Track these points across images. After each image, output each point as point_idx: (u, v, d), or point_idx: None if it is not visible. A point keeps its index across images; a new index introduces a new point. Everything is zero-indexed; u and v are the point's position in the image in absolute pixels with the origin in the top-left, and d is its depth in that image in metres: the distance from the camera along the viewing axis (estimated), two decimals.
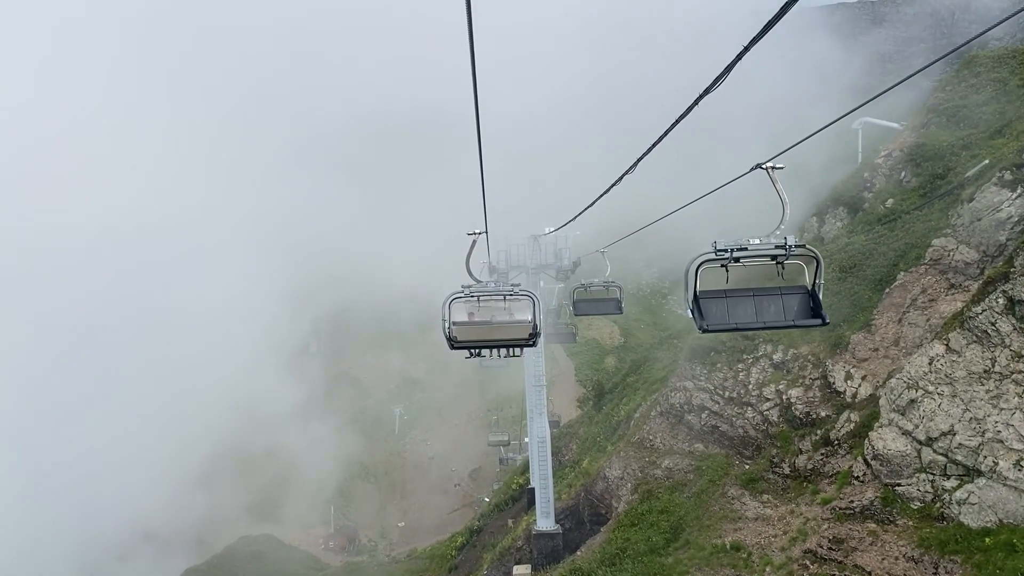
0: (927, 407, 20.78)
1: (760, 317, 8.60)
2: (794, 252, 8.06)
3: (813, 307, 8.63)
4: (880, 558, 19.75)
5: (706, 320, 8.53)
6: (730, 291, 8.63)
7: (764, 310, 8.59)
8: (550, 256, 31.23)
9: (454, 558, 43.63)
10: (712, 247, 8.12)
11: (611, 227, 26.94)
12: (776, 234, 8.13)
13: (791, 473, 24.75)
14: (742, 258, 8.10)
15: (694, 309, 8.63)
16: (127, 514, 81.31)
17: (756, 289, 8.71)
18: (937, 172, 28.53)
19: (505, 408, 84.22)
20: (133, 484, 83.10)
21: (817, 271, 8.42)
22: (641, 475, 29.06)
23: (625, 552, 25.93)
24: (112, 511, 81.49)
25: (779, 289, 8.63)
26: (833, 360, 25.57)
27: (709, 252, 8.19)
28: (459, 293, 9.64)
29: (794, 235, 8.08)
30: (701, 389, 29.26)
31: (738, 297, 8.62)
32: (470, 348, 10.23)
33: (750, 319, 8.60)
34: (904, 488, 20.61)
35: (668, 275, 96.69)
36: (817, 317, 8.56)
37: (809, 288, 8.67)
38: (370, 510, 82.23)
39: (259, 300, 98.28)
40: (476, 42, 6.54)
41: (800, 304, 8.61)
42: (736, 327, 8.70)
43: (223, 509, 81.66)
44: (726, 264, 8.20)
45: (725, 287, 8.62)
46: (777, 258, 8.20)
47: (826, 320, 8.51)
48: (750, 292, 8.66)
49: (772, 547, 22.64)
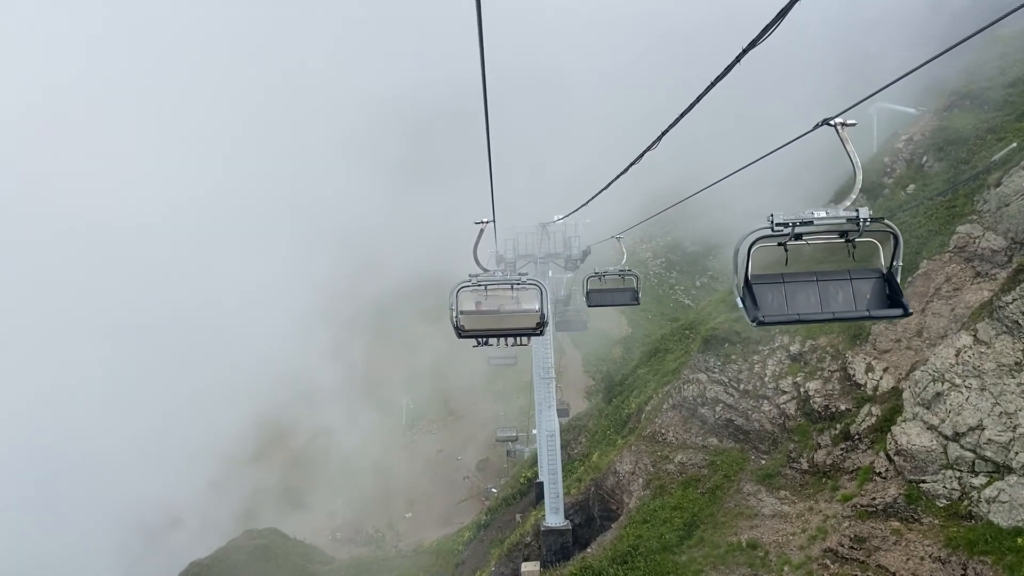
0: (954, 401, 19.89)
1: (826, 307, 7.24)
2: (869, 227, 6.82)
3: (891, 294, 7.28)
4: (904, 558, 18.91)
5: (761, 310, 7.21)
6: (789, 275, 7.32)
7: (831, 298, 7.24)
8: (559, 245, 30.41)
9: (461, 553, 42.97)
10: (768, 221, 6.82)
11: (621, 216, 26.16)
12: (847, 205, 6.86)
13: (809, 469, 23.93)
14: (805, 234, 6.86)
15: (745, 296, 7.33)
16: (161, 497, 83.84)
17: (820, 273, 7.36)
18: (961, 156, 27.53)
19: (512, 400, 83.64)
20: (169, 468, 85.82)
21: (896, 250, 7.17)
22: (653, 470, 28.27)
23: (637, 550, 25.14)
24: (148, 493, 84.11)
25: (848, 272, 7.34)
26: (853, 351, 24.66)
27: (764, 227, 6.91)
28: (466, 282, 9.59)
29: (868, 207, 6.87)
30: (715, 381, 28.40)
31: (799, 282, 7.29)
32: (477, 337, 10.04)
33: (813, 309, 7.24)
34: (929, 485, 19.74)
35: (676, 265, 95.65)
36: (897, 306, 7.25)
37: (885, 271, 7.35)
38: (377, 501, 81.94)
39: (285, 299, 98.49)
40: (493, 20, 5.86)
41: (874, 291, 7.29)
42: (798, 319, 7.30)
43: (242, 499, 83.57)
44: (784, 242, 6.97)
45: (783, 270, 7.32)
46: (848, 235, 7.01)
47: (908, 310, 7.21)
48: (813, 276, 7.32)
49: (790, 545, 21.83)
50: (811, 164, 52.87)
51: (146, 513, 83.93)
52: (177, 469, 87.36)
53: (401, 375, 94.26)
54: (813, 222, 6.78)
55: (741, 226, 24.74)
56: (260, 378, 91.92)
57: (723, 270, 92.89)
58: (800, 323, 7.38)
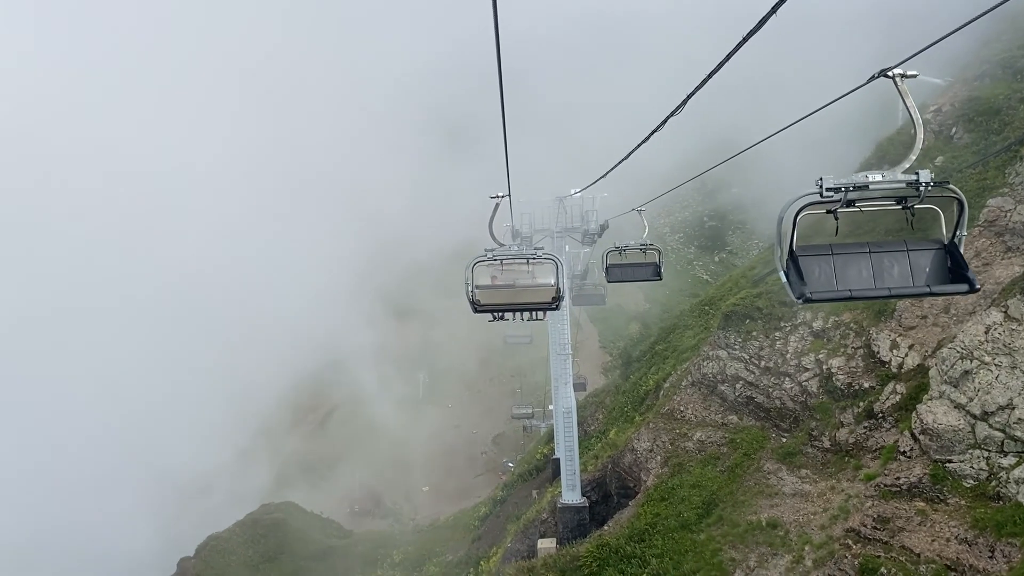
0: (983, 379, 19.32)
1: (880, 282, 6.46)
2: (930, 193, 6.09)
3: (953, 268, 6.49)
4: (930, 539, 18.48)
5: (808, 285, 6.44)
6: (838, 247, 6.55)
7: (885, 272, 6.46)
8: (576, 219, 29.91)
9: (477, 528, 43.01)
10: (817, 186, 6.07)
11: (638, 192, 25.57)
12: (905, 168, 6.08)
13: (831, 447, 23.47)
14: (858, 201, 6.12)
15: (790, 270, 6.52)
16: (193, 464, 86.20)
17: (873, 244, 6.58)
18: (992, 127, 26.67)
19: (529, 375, 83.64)
20: (202, 436, 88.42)
21: (960, 218, 6.41)
22: (671, 447, 27.93)
23: (655, 528, 24.90)
24: (182, 460, 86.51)
25: (904, 243, 6.57)
26: (878, 328, 24.09)
27: (812, 193, 6.16)
28: (482, 257, 9.54)
29: (929, 170, 6.12)
30: (735, 358, 27.93)
31: (850, 254, 6.51)
32: (493, 311, 9.93)
33: (866, 285, 6.46)
34: (956, 465, 19.25)
35: (694, 240, 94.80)
36: (961, 281, 6.46)
37: (947, 242, 6.56)
38: (395, 474, 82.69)
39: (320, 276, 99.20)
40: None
41: (935, 264, 6.50)
42: (850, 295, 6.49)
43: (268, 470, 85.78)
44: (835, 210, 6.25)
45: (831, 241, 6.59)
46: (906, 201, 6.24)
47: (976, 285, 6.41)
48: (865, 248, 6.56)
49: (811, 525, 21.47)
50: (836, 135, 51.91)
51: (179, 479, 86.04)
52: (209, 438, 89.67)
53: (419, 349, 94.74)
54: (868, 186, 6.04)
55: (762, 200, 24.37)
56: (290, 351, 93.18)
57: (742, 246, 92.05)
58: (851, 300, 6.61)
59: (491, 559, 35.86)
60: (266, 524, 49.04)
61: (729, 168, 10.48)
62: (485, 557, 37.07)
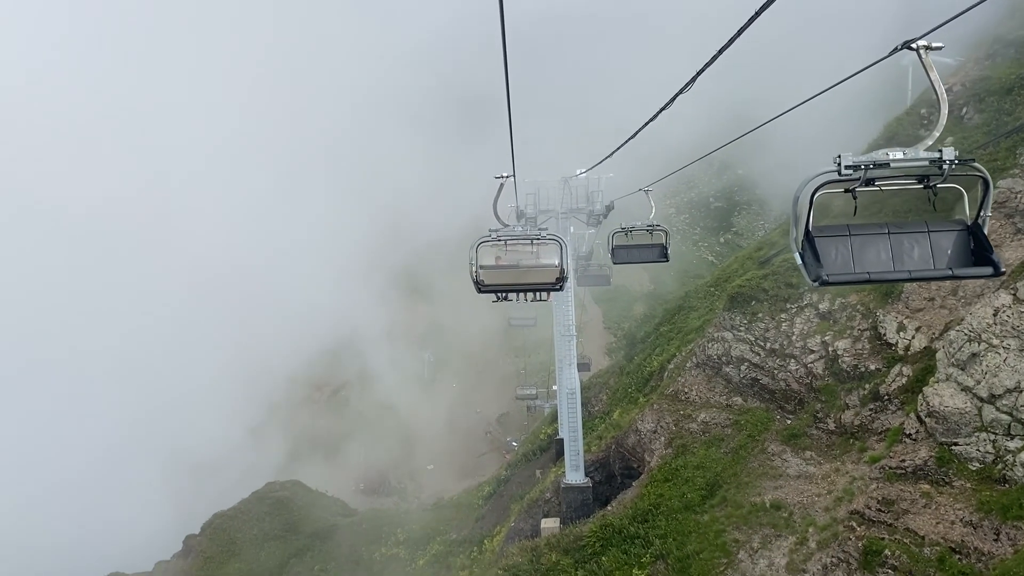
0: (991, 361, 19.22)
1: (900, 264, 6.23)
2: (954, 172, 5.88)
3: (976, 250, 6.28)
4: (934, 521, 18.44)
5: (824, 267, 6.23)
6: (856, 227, 6.33)
7: (905, 254, 6.22)
8: (581, 199, 29.69)
9: (481, 508, 43.17)
10: (834, 164, 5.85)
11: (643, 173, 25.32)
12: (928, 145, 5.87)
13: (836, 429, 23.43)
14: (878, 179, 5.92)
15: (805, 252, 6.29)
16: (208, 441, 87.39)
17: (893, 224, 6.35)
18: (1003, 107, 26.32)
19: (533, 355, 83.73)
20: (217, 414, 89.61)
21: (984, 199, 6.23)
22: (675, 429, 27.90)
23: (658, 508, 24.93)
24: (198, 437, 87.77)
25: (925, 224, 6.33)
26: (884, 310, 23.94)
27: (830, 171, 5.93)
28: (486, 237, 9.54)
29: (952, 148, 5.91)
30: (740, 340, 27.81)
31: (868, 235, 6.29)
32: (497, 292, 9.98)
33: (885, 267, 6.22)
34: (962, 448, 19.18)
35: (700, 221, 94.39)
36: (985, 264, 6.23)
37: (970, 222, 6.35)
38: (400, 453, 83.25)
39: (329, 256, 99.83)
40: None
41: (957, 246, 6.28)
42: (868, 278, 6.27)
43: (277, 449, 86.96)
44: (853, 189, 6.02)
45: (849, 222, 6.36)
46: (928, 179, 6.02)
47: (1000, 268, 6.20)
48: (884, 228, 6.33)
49: (815, 507, 21.45)
50: (844, 115, 51.43)
51: (194, 456, 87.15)
52: (223, 415, 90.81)
53: (426, 328, 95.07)
54: (889, 164, 5.85)
55: (771, 179, 24.07)
56: (303, 329, 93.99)
57: (748, 227, 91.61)
58: (870, 283, 6.40)
59: (495, 538, 36.00)
60: (271, 502, 49.34)
61: (736, 148, 10.34)
62: (489, 536, 37.22)
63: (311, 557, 45.64)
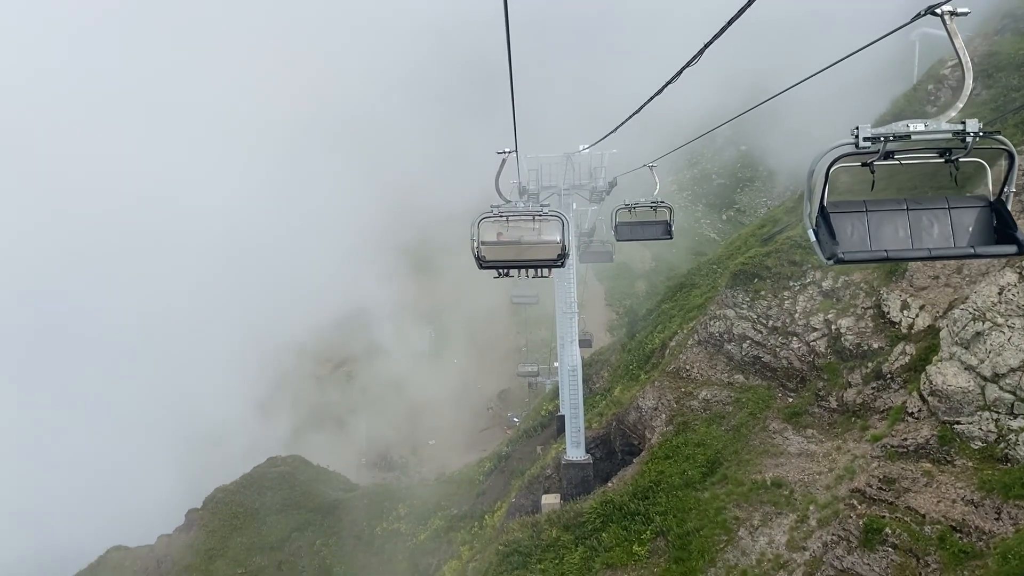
0: (995, 340, 19.10)
1: (919, 242, 5.94)
2: (977, 145, 5.60)
3: (999, 227, 5.99)
4: (935, 500, 18.44)
5: (840, 245, 5.93)
6: (873, 203, 6.04)
7: (924, 231, 5.93)
8: (584, 176, 29.40)
9: (482, 483, 43.35)
10: (852, 136, 5.53)
11: (646, 149, 25.08)
12: (951, 116, 5.57)
13: (838, 407, 23.39)
14: (898, 152, 5.62)
15: (820, 228, 6.01)
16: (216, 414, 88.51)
17: (911, 200, 6.06)
18: (1012, 83, 26.00)
19: (535, 331, 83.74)
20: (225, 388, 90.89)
21: (1009, 173, 5.97)
22: (676, 406, 27.88)
23: (659, 485, 24.99)
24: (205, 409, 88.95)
25: (946, 200, 6.04)
26: (888, 288, 23.79)
27: (846, 143, 5.62)
28: (488, 213, 9.48)
29: (977, 119, 5.61)
30: (743, 318, 27.70)
31: (885, 211, 5.98)
32: (498, 268, 9.93)
33: (903, 245, 5.94)
34: (964, 427, 19.12)
35: (702, 198, 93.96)
36: (1008, 242, 5.93)
37: (993, 198, 6.07)
38: (402, 427, 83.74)
39: None
40: None
41: (979, 223, 5.99)
42: (886, 256, 5.96)
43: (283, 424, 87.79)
44: (871, 162, 5.73)
45: (866, 197, 6.10)
46: (950, 153, 5.75)
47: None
48: (902, 204, 6.03)
49: (816, 485, 21.47)
50: (851, 94, 50.91)
51: (201, 429, 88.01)
52: (230, 389, 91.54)
53: (430, 304, 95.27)
54: (910, 136, 5.56)
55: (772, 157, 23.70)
56: (310, 303, 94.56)
57: (751, 204, 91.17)
58: (888, 261, 6.22)
59: (495, 513, 36.17)
60: (273, 477, 49.56)
61: (741, 124, 10.15)
62: (490, 511, 37.40)
63: (312, 532, 45.94)
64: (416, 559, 40.90)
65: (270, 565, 44.36)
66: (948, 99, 28.37)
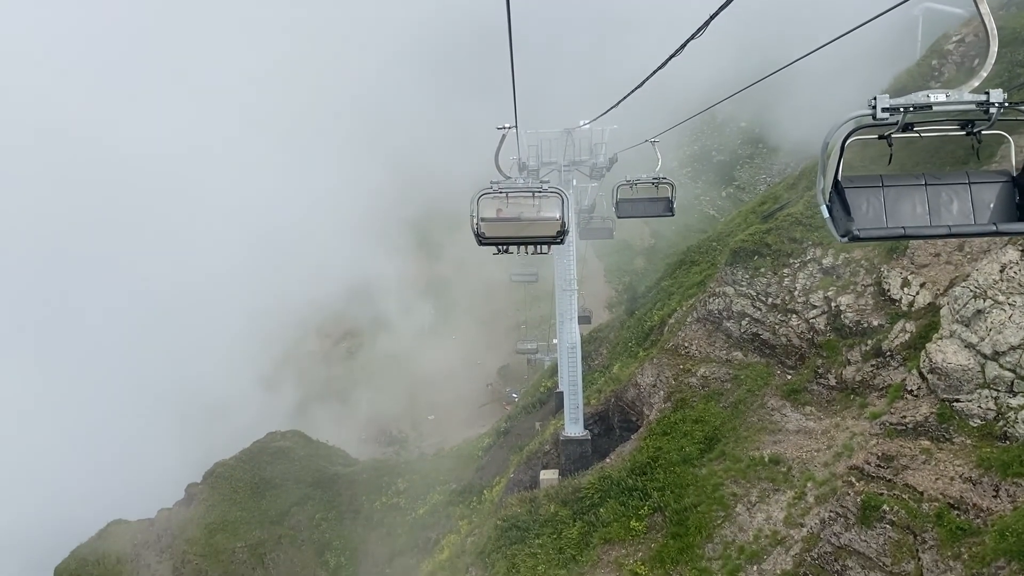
0: (996, 318, 19.04)
1: (938, 218, 5.69)
2: (1002, 116, 5.36)
3: (1021, 202, 5.73)
4: (934, 478, 18.48)
5: (855, 221, 5.69)
6: (889, 178, 5.80)
7: (944, 207, 5.68)
8: (584, 152, 29.19)
9: (481, 458, 43.55)
10: (869, 106, 5.30)
11: (646, 125, 24.83)
12: (974, 87, 5.31)
13: (837, 385, 23.38)
14: (917, 125, 5.39)
15: (834, 204, 5.76)
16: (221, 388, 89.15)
17: (930, 175, 5.81)
18: (1017, 59, 25.66)
19: (534, 308, 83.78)
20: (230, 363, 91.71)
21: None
22: (675, 383, 27.90)
23: (656, 461, 25.05)
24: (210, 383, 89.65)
25: (966, 174, 5.79)
26: (889, 265, 23.70)
27: (864, 114, 5.38)
28: (488, 189, 9.45)
29: (1001, 90, 5.35)
30: (742, 295, 27.63)
31: (903, 186, 5.75)
32: (497, 244, 9.93)
33: (921, 222, 5.70)
34: (963, 404, 19.12)
35: (702, 175, 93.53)
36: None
37: (1016, 173, 5.81)
38: (402, 402, 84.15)
39: None
40: None
41: (1001, 198, 5.72)
42: (903, 233, 5.70)
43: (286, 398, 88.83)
44: (889, 135, 5.48)
45: (882, 172, 5.85)
46: (973, 125, 5.49)
47: None
48: (920, 179, 5.78)
49: (814, 462, 21.50)
50: (852, 71, 50.47)
51: (203, 403, 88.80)
52: (235, 363, 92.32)
53: (430, 280, 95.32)
54: (931, 107, 5.30)
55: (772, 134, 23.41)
56: (315, 279, 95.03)
57: (750, 181, 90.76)
58: (905, 238, 5.87)
59: (494, 489, 36.35)
60: (271, 452, 49.79)
61: (742, 100, 10.01)
62: (488, 487, 37.58)
63: (312, 506, 46.22)
64: (415, 533, 41.18)
65: (270, 539, 44.67)
66: (952, 75, 28.07)
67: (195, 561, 43.96)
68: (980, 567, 16.21)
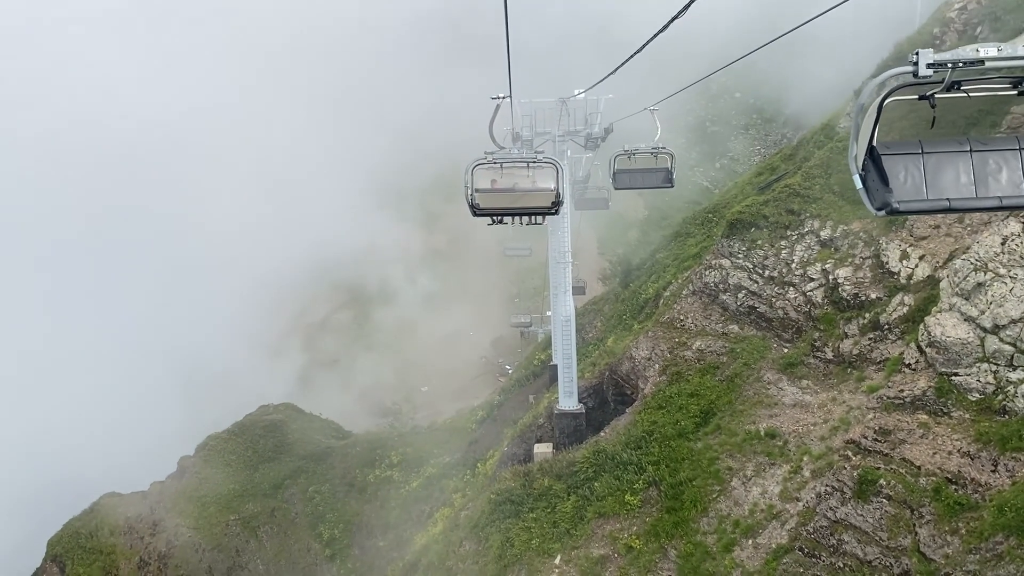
0: (996, 291, 18.80)
1: (986, 189, 5.18)
2: None
3: None
4: (931, 452, 18.32)
5: (894, 192, 5.17)
6: (930, 143, 5.33)
7: (991, 176, 5.16)
8: (579, 122, 28.63)
9: (474, 432, 43.45)
10: (910, 63, 4.83)
11: (646, 93, 24.29)
12: None
13: (834, 358, 23.17)
14: (965, 84, 4.93)
15: (868, 172, 5.26)
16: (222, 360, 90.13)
17: (976, 139, 5.34)
18: (1021, 26, 25.19)
19: (527, 280, 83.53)
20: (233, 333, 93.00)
21: None
22: (670, 356, 27.65)
23: (651, 435, 24.84)
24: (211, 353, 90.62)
25: (1016, 140, 5.30)
26: (888, 237, 23.38)
27: (904, 72, 4.92)
28: (482, 160, 9.45)
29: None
30: (738, 267, 27.31)
31: (945, 153, 5.25)
32: (492, 215, 9.93)
33: (966, 193, 5.18)
34: (962, 378, 18.93)
35: (696, 146, 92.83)
36: None
37: None
38: (396, 374, 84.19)
39: None
40: None
41: None
42: (948, 206, 5.18)
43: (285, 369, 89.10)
44: (932, 94, 5.03)
45: (921, 136, 5.41)
46: None
47: None
48: (965, 144, 5.29)
49: (811, 436, 21.33)
50: (851, 39, 49.82)
51: (204, 373, 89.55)
52: (234, 334, 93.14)
53: (425, 252, 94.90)
54: (983, 62, 4.83)
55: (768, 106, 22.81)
56: (311, 255, 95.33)
57: (745, 152, 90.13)
58: (950, 212, 5.31)
59: (488, 462, 36.25)
60: (264, 425, 49.63)
61: (743, 70, 9.65)
62: (482, 460, 37.48)
63: (305, 479, 46.14)
64: (408, 506, 41.16)
65: (263, 512, 44.63)
66: (954, 43, 27.52)
67: (188, 534, 43.94)
68: (978, 542, 16.10)
